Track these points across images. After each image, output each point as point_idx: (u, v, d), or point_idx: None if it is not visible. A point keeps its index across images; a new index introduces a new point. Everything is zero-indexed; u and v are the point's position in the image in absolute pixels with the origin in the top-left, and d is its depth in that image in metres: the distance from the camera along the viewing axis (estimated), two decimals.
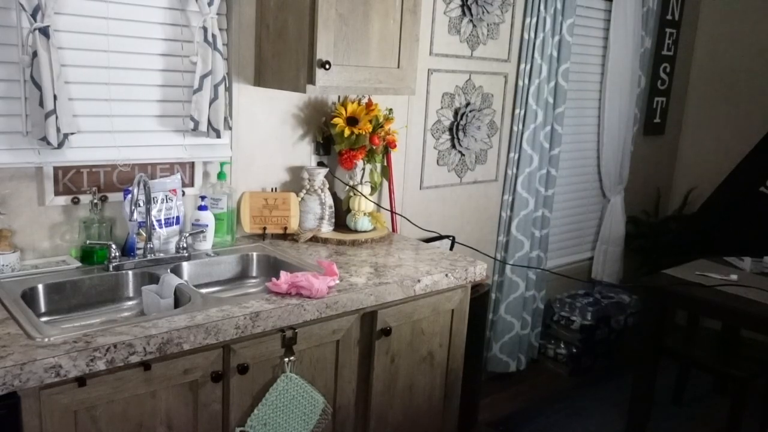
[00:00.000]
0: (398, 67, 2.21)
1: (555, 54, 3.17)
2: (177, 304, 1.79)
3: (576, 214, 3.84)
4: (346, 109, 2.37)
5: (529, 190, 3.24)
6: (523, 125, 3.17)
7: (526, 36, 3.06)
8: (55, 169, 1.91)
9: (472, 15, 2.85)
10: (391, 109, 2.56)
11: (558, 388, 3.45)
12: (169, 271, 1.93)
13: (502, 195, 3.28)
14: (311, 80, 2.01)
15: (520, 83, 3.12)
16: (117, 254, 1.94)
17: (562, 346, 3.61)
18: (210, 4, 1.99)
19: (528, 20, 3.04)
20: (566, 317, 3.59)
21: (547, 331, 3.67)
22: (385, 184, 2.67)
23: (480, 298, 2.77)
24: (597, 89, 3.70)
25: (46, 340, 1.42)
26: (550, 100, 3.23)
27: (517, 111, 3.16)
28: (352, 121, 2.37)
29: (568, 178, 3.67)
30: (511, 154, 3.20)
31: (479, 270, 2.21)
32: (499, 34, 3.03)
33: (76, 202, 1.96)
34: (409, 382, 2.13)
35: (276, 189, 2.39)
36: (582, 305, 3.59)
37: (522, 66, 3.10)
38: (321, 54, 1.99)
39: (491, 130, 3.13)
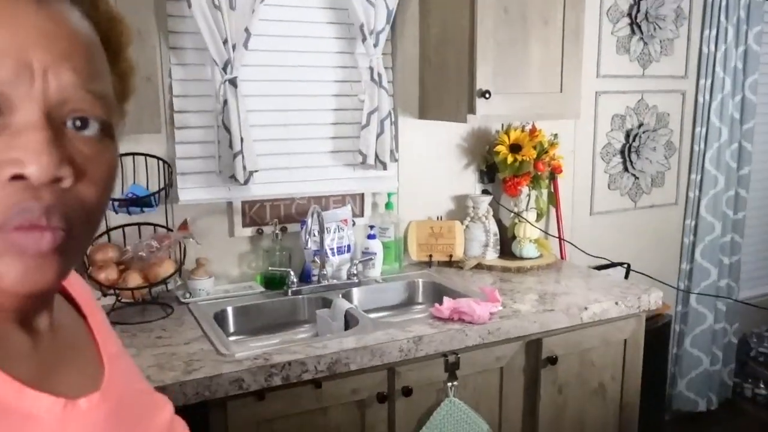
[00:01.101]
0: (561, 91, 2.19)
1: (740, 66, 2.93)
2: (347, 327, 1.89)
3: None
4: (509, 137, 2.37)
5: (714, 213, 2.99)
6: (705, 144, 2.95)
7: (705, 49, 2.86)
8: (243, 203, 2.13)
9: (642, 32, 2.74)
10: (556, 134, 2.52)
11: None
12: (340, 296, 2.06)
13: (683, 219, 3.06)
14: (472, 110, 2.06)
15: (700, 100, 2.91)
16: (295, 280, 2.10)
17: (762, 385, 3.24)
18: (375, 45, 2.12)
19: (707, 32, 2.85)
20: (765, 354, 3.23)
21: (742, 369, 3.33)
22: (552, 210, 2.62)
23: (659, 329, 2.60)
24: None
25: (233, 356, 1.58)
26: (736, 116, 2.97)
27: (697, 129, 2.95)
28: (515, 148, 2.37)
29: (762, 200, 3.33)
30: (693, 176, 2.99)
31: (654, 298, 2.08)
32: (674, 49, 2.86)
33: (260, 233, 2.16)
34: (579, 415, 2.05)
35: (441, 217, 2.45)
36: None
37: (702, 81, 2.90)
38: (480, 84, 2.03)
39: (668, 150, 2.95)
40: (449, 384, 1.78)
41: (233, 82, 1.94)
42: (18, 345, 0.57)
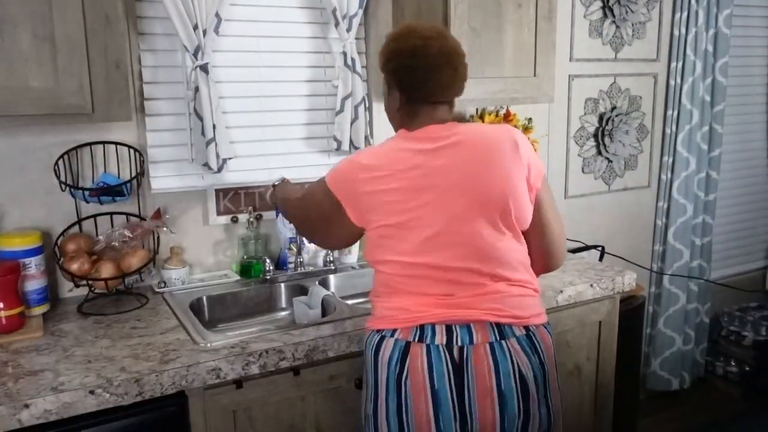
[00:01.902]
0: (535, 75, 2.19)
1: (710, 49, 2.96)
2: (324, 313, 1.89)
3: (744, 220, 3.53)
4: (483, 121, 2.38)
5: (686, 195, 3.04)
6: (677, 127, 2.98)
7: (676, 32, 2.89)
8: (216, 191, 2.11)
9: (614, 16, 2.75)
10: (530, 119, 2.53)
11: (729, 411, 3.17)
12: (317, 283, 2.05)
13: (656, 202, 3.10)
14: None
15: (672, 83, 2.94)
16: (271, 268, 2.09)
17: (733, 363, 3.32)
18: (348, 29, 2.10)
19: (678, 15, 2.87)
20: (736, 332, 3.30)
21: (714, 348, 3.40)
22: None
23: (633, 310, 2.63)
24: (764, 83, 3.40)
25: (209, 345, 1.57)
26: (707, 99, 3.01)
27: (669, 112, 2.98)
28: None
29: (732, 181, 3.39)
30: (665, 158, 3.02)
31: (628, 280, 2.11)
32: (646, 33, 2.89)
33: (235, 221, 2.14)
34: None
35: None
36: (755, 319, 3.28)
37: (673, 64, 2.93)
38: None
39: (641, 133, 2.98)
40: None
41: (204, 68, 1.91)
42: None
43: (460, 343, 1.36)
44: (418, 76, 1.43)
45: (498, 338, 1.38)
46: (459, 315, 1.38)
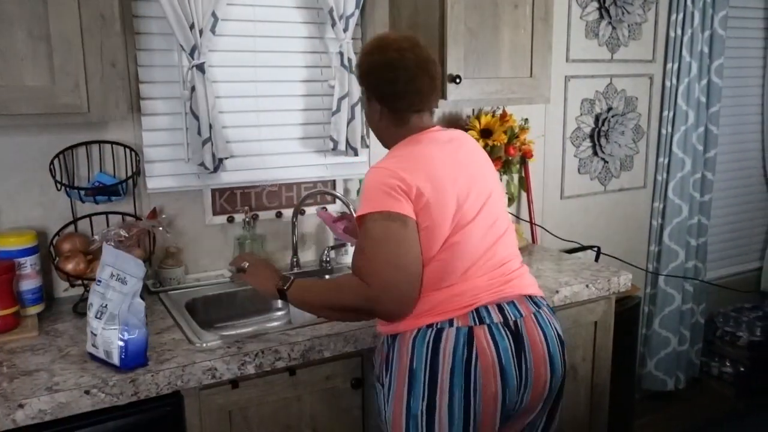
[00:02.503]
0: (531, 76, 2.19)
1: (706, 50, 2.97)
2: None
3: (739, 221, 3.54)
4: (479, 122, 2.38)
5: (682, 196, 3.04)
6: (673, 128, 2.99)
7: (672, 33, 2.90)
8: (213, 191, 2.11)
9: (610, 17, 2.76)
10: (526, 119, 2.53)
11: (724, 411, 3.17)
12: None
13: (651, 202, 3.10)
14: (443, 95, 2.05)
15: (668, 84, 2.95)
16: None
17: (728, 364, 3.32)
18: (345, 29, 2.10)
19: (674, 17, 2.88)
20: (731, 333, 3.31)
21: (709, 348, 3.40)
22: (524, 194, 2.64)
23: (629, 310, 2.64)
24: (759, 84, 3.41)
25: (205, 345, 1.56)
26: (703, 100, 3.02)
27: (665, 113, 2.99)
28: (486, 133, 2.37)
29: (728, 182, 3.40)
30: (661, 159, 3.03)
31: (623, 280, 2.11)
32: (642, 34, 2.89)
33: (231, 220, 2.14)
34: None
35: None
36: (749, 319, 3.29)
37: (669, 65, 2.94)
38: (451, 69, 2.02)
39: (637, 134, 2.99)
40: None
41: (201, 68, 1.90)
42: None
43: (513, 318, 1.46)
44: (399, 87, 1.49)
45: (536, 308, 1.52)
46: (505, 293, 1.48)
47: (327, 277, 2.16)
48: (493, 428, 1.45)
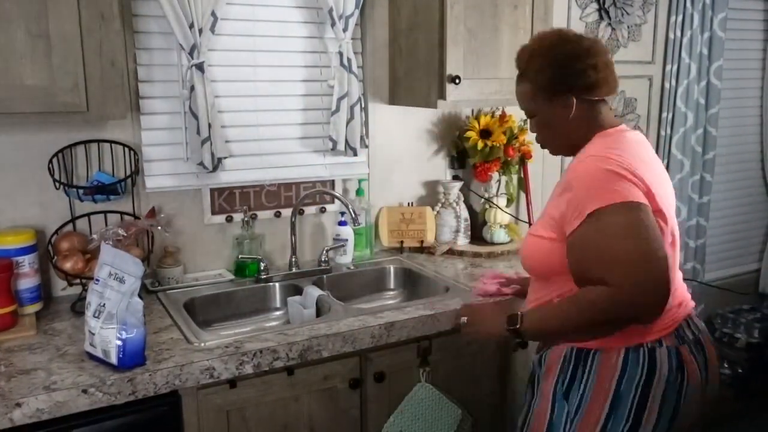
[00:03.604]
0: None
1: (705, 52, 2.97)
2: (319, 314, 1.89)
3: (738, 222, 3.54)
4: (479, 122, 2.38)
5: (681, 197, 3.05)
6: (672, 129, 2.99)
7: (671, 35, 2.90)
8: (211, 190, 2.10)
9: (610, 18, 2.76)
10: (526, 120, 2.53)
11: (721, 412, 3.17)
12: (311, 283, 2.05)
13: None
14: (442, 95, 2.05)
15: (667, 85, 2.95)
16: (266, 268, 2.09)
17: (726, 365, 3.32)
18: (345, 29, 2.10)
19: (673, 18, 2.88)
20: (729, 334, 3.31)
21: None
22: (522, 195, 2.64)
23: None
24: (758, 86, 3.41)
25: (203, 344, 1.56)
26: (702, 101, 3.02)
27: (664, 114, 2.99)
28: (485, 133, 2.37)
29: (726, 184, 3.40)
30: None
31: None
32: (641, 35, 2.89)
33: (229, 220, 2.14)
34: None
35: (412, 203, 2.45)
36: (747, 321, 3.29)
37: (668, 67, 2.94)
38: (451, 69, 2.02)
39: None
40: (421, 369, 1.79)
41: (200, 67, 1.90)
42: None
43: (697, 333, 1.41)
44: (600, 75, 1.42)
45: (702, 321, 1.47)
46: (688, 306, 1.44)
47: (326, 277, 2.15)
48: None
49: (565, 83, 1.41)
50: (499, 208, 2.45)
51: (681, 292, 1.44)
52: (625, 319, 1.30)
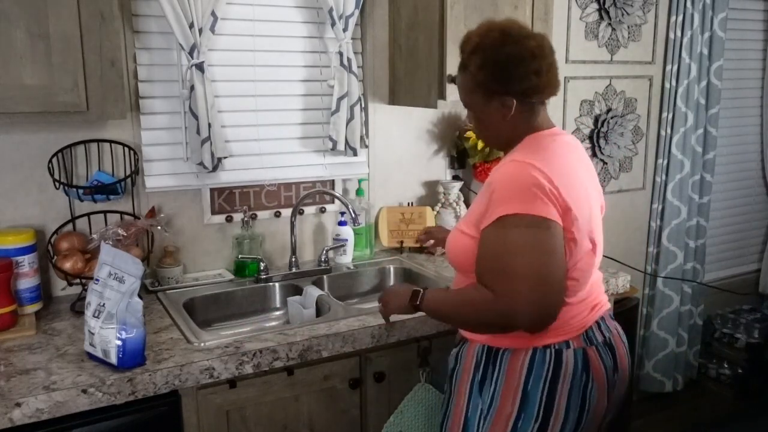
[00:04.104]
0: None
1: (705, 52, 2.97)
2: (319, 313, 1.89)
3: (738, 223, 3.54)
4: None
5: (680, 197, 3.05)
6: (672, 129, 2.99)
7: (671, 35, 2.90)
8: (211, 190, 2.10)
9: (610, 18, 2.76)
10: None
11: (721, 412, 3.17)
12: (311, 283, 2.05)
13: (650, 204, 3.10)
14: (442, 95, 2.05)
15: (667, 85, 2.95)
16: (266, 268, 2.09)
17: (726, 366, 3.33)
18: (345, 29, 2.10)
19: (673, 18, 2.88)
20: (729, 335, 3.31)
21: (707, 350, 3.41)
22: None
23: (627, 312, 2.65)
24: (758, 86, 3.41)
25: (202, 344, 1.56)
26: (702, 101, 3.02)
27: (664, 114, 2.99)
28: None
29: (726, 184, 3.40)
30: (660, 161, 3.03)
31: (621, 282, 2.11)
32: (641, 35, 2.89)
33: (229, 220, 2.14)
34: None
35: (412, 203, 2.45)
36: (747, 321, 3.29)
37: (668, 67, 2.94)
38: (451, 69, 2.02)
39: (636, 136, 2.99)
40: (421, 369, 1.79)
41: (200, 67, 1.90)
42: None
43: (608, 336, 1.44)
44: (542, 79, 1.39)
45: (615, 322, 1.51)
46: (602, 309, 1.47)
47: (326, 277, 2.15)
48: None
49: (505, 85, 1.38)
50: None
51: (596, 296, 1.46)
52: (499, 327, 1.34)
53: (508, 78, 1.37)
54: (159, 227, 1.94)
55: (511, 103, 1.39)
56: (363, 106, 2.24)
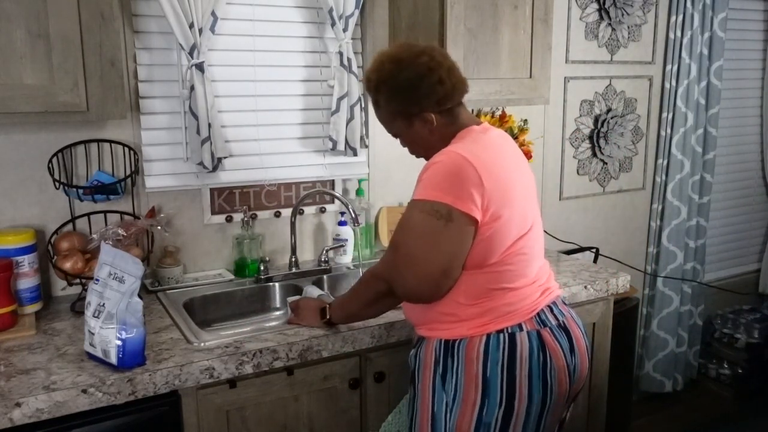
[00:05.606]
0: (530, 77, 2.19)
1: (705, 52, 2.97)
2: None
3: (738, 223, 3.54)
4: None
5: (680, 197, 3.05)
6: (672, 129, 2.99)
7: (671, 35, 2.90)
8: (211, 190, 2.10)
9: (610, 18, 2.76)
10: (525, 120, 2.53)
11: (721, 412, 3.18)
12: (311, 283, 2.05)
13: (650, 204, 3.10)
14: None
15: (667, 85, 2.95)
16: (266, 268, 2.09)
17: (726, 366, 3.33)
18: (345, 29, 2.10)
19: (673, 18, 2.88)
20: (729, 335, 3.31)
21: (707, 350, 3.41)
22: None
23: (627, 312, 2.65)
24: (758, 86, 3.41)
25: (202, 344, 1.56)
26: (702, 101, 3.02)
27: (664, 115, 2.99)
28: None
29: (726, 184, 3.40)
30: (660, 161, 3.03)
31: (622, 282, 2.11)
32: (641, 35, 2.89)
33: (229, 220, 2.14)
34: None
35: None
36: (747, 321, 3.29)
37: (668, 67, 2.94)
38: None
39: (636, 136, 2.99)
40: None
41: (200, 67, 1.90)
42: None
43: (561, 319, 1.50)
44: (447, 86, 1.46)
45: (567, 305, 1.58)
46: (552, 294, 1.52)
47: (325, 277, 2.15)
48: (556, 425, 1.54)
49: (417, 105, 1.45)
50: None
51: (545, 282, 1.53)
52: (393, 295, 1.46)
53: (417, 98, 1.45)
54: (159, 227, 1.94)
55: (431, 117, 1.46)
56: (363, 106, 2.23)
